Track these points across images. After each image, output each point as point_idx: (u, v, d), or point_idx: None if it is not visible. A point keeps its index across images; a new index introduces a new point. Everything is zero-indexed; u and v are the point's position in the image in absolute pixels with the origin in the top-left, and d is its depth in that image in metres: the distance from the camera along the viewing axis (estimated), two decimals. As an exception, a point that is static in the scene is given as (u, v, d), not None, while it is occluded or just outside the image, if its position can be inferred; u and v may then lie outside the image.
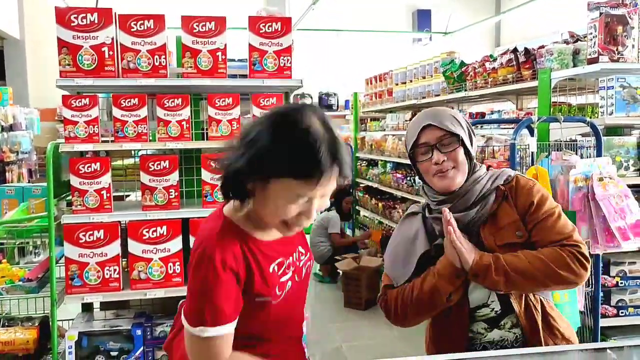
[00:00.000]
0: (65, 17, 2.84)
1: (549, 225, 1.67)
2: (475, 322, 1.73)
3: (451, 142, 1.69)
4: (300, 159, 1.27)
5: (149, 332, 2.94)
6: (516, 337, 1.71)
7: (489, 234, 1.69)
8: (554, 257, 1.60)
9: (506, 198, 1.72)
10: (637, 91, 3.14)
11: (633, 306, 3.20)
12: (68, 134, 2.87)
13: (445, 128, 1.69)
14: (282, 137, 1.29)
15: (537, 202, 1.69)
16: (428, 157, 1.71)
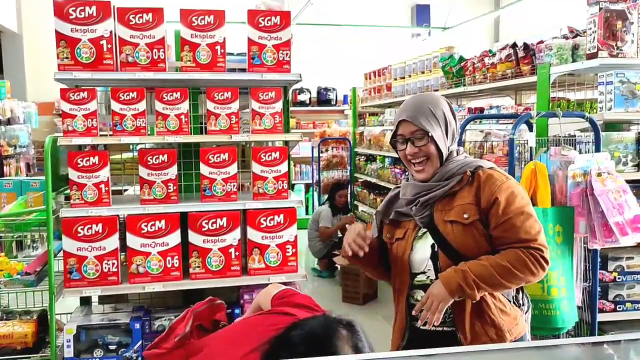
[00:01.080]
0: (64, 10, 2.83)
1: (518, 224, 1.76)
2: (416, 289, 1.91)
3: (423, 137, 1.85)
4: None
5: (148, 325, 2.94)
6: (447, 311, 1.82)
7: (440, 209, 1.86)
8: (517, 262, 1.73)
9: (470, 183, 1.84)
10: (636, 87, 3.14)
11: (630, 301, 3.21)
12: (66, 127, 2.87)
13: (417, 124, 1.84)
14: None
15: (504, 199, 1.78)
16: (403, 148, 1.89)
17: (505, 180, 1.83)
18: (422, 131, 1.83)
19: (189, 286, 2.97)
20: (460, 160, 1.89)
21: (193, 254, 2.94)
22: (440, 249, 1.85)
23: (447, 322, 1.86)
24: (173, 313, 2.99)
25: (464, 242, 1.80)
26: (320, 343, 1.37)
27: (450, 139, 1.90)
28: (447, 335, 1.86)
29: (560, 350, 1.54)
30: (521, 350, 1.55)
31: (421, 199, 1.87)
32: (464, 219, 1.80)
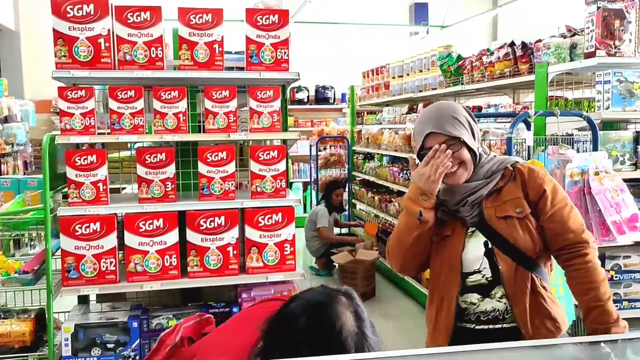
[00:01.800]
0: (61, 8, 2.82)
1: (566, 215, 1.83)
2: (469, 293, 1.87)
3: (454, 144, 1.82)
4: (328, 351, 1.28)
5: (146, 324, 2.94)
6: (506, 307, 1.84)
7: (490, 206, 1.85)
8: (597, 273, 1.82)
9: (514, 178, 1.87)
10: (633, 86, 3.15)
11: (628, 300, 3.23)
12: (64, 125, 2.86)
13: (446, 133, 1.82)
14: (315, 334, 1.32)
15: (551, 191, 1.84)
16: None
17: (546, 173, 1.90)
18: (452, 138, 1.82)
19: (186, 285, 2.97)
20: (495, 159, 1.91)
21: (191, 253, 2.94)
22: (495, 246, 1.84)
23: (506, 318, 1.86)
24: (171, 312, 2.99)
25: (519, 236, 1.82)
26: (321, 310, 1.36)
27: (477, 140, 1.90)
28: (507, 331, 1.85)
29: (559, 350, 1.54)
30: (517, 350, 1.55)
31: (469, 198, 1.86)
32: (518, 213, 1.82)
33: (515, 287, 1.82)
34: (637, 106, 3.17)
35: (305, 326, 1.34)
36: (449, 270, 1.88)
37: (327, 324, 1.34)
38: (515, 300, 1.82)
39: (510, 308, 1.84)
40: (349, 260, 5.41)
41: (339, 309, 1.36)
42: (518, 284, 1.82)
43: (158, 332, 2.93)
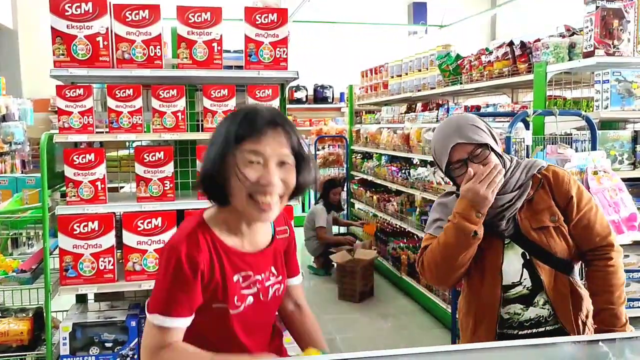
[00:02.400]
0: (60, 7, 2.82)
1: (593, 218, 1.85)
2: (511, 304, 1.87)
3: (481, 151, 1.80)
4: (239, 124, 1.41)
5: (144, 323, 2.93)
6: (549, 313, 1.86)
7: (525, 218, 1.85)
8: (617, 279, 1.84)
9: (542, 186, 1.87)
10: (632, 85, 3.15)
11: (627, 299, 3.23)
12: (62, 124, 2.86)
13: (473, 142, 1.80)
14: (228, 118, 1.47)
15: (576, 195, 1.86)
16: (464, 172, 1.82)
17: (570, 176, 1.90)
18: (479, 145, 1.80)
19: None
20: (520, 165, 1.90)
21: (189, 252, 2.93)
22: (533, 256, 1.84)
23: (549, 321, 1.87)
24: (169, 311, 2.98)
25: (556, 244, 1.83)
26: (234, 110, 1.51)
27: (499, 145, 1.89)
28: (550, 333, 1.86)
29: (556, 348, 1.54)
30: (516, 349, 1.55)
31: (506, 213, 1.84)
32: (553, 222, 1.83)
33: (556, 292, 1.84)
34: (636, 106, 3.17)
35: (223, 121, 1.49)
36: (490, 284, 1.87)
37: (237, 110, 1.49)
38: (558, 304, 1.84)
39: (553, 312, 1.86)
40: (347, 260, 5.41)
41: (255, 105, 1.52)
42: (559, 289, 1.84)
43: (156, 331, 2.94)
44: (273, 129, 1.41)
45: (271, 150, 1.40)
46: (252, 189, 1.40)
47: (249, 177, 1.39)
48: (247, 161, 1.39)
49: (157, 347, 1.39)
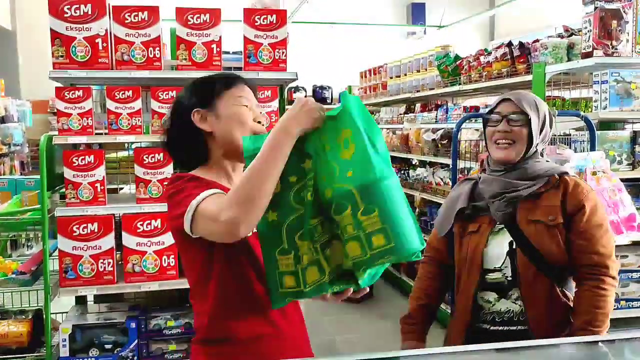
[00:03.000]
0: (58, 8, 2.82)
1: (597, 236, 1.82)
2: (487, 290, 1.88)
3: (520, 119, 1.86)
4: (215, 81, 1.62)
5: (144, 325, 2.93)
6: (521, 310, 1.85)
7: (525, 208, 1.85)
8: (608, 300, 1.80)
9: (556, 187, 1.87)
10: (631, 86, 3.15)
11: (625, 299, 3.23)
12: (61, 126, 2.86)
13: (519, 105, 1.86)
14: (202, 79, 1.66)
15: (590, 208, 1.83)
16: (495, 125, 1.90)
17: (591, 191, 1.89)
18: (522, 113, 1.85)
19: (185, 285, 2.94)
20: (546, 164, 1.91)
21: (189, 253, 2.93)
22: (519, 247, 1.84)
23: (521, 321, 1.86)
24: (169, 312, 2.99)
25: (544, 242, 1.82)
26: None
27: (542, 138, 1.91)
28: (520, 334, 1.85)
29: (555, 349, 1.55)
30: (517, 350, 1.56)
31: (508, 194, 1.86)
32: (549, 221, 1.82)
33: (532, 291, 1.82)
34: (635, 106, 3.17)
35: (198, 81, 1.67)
36: (470, 264, 1.89)
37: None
38: (530, 304, 1.83)
39: (525, 311, 1.84)
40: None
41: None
42: (536, 289, 1.82)
43: (156, 333, 2.94)
44: (248, 87, 1.64)
45: (252, 99, 1.62)
46: (253, 127, 1.57)
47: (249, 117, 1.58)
48: (242, 103, 1.58)
49: (219, 205, 1.34)
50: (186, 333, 2.95)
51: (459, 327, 1.93)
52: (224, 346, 1.49)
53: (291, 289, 1.39)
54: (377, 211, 1.29)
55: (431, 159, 5.23)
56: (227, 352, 1.49)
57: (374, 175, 1.31)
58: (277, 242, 1.38)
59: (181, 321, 2.97)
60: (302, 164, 1.40)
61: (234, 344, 1.49)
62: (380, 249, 1.29)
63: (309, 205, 1.36)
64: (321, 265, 1.36)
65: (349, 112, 1.37)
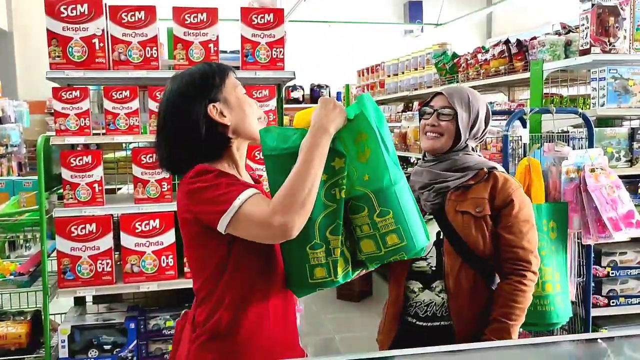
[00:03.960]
0: (55, 8, 2.81)
1: (524, 231, 1.86)
2: (412, 280, 1.93)
3: (449, 114, 1.92)
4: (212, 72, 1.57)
5: (143, 325, 2.93)
6: (443, 302, 1.87)
7: (453, 199, 1.89)
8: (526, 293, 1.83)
9: (486, 180, 1.90)
10: (628, 82, 3.16)
11: (624, 296, 3.24)
12: (59, 126, 2.85)
13: (450, 100, 1.92)
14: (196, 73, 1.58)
15: (519, 204, 1.87)
16: (427, 118, 1.97)
17: (519, 187, 1.94)
18: (451, 108, 1.91)
19: (183, 285, 2.96)
20: (477, 157, 1.96)
21: (188, 253, 2.93)
22: (445, 237, 1.87)
23: (444, 316, 1.87)
24: (168, 312, 2.98)
25: (471, 234, 1.84)
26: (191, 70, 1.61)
27: (473, 135, 1.96)
28: (444, 330, 1.87)
29: (556, 347, 1.55)
30: (516, 348, 1.56)
31: (436, 185, 1.91)
32: (476, 212, 1.85)
33: (456, 282, 1.84)
34: (632, 103, 3.18)
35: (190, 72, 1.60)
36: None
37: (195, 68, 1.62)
38: (453, 295, 1.84)
39: (447, 304, 1.86)
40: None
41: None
42: (460, 281, 1.84)
43: (155, 333, 2.94)
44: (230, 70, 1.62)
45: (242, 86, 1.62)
46: (257, 112, 1.59)
47: (254, 104, 1.60)
48: (242, 92, 1.58)
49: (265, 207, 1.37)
50: (185, 333, 2.95)
51: (391, 316, 1.99)
52: (228, 340, 1.50)
53: (322, 279, 1.46)
54: (391, 213, 1.44)
55: (429, 157, 5.22)
56: (231, 345, 1.50)
57: (388, 181, 1.44)
58: (309, 237, 1.44)
59: (180, 321, 2.96)
60: (332, 162, 1.45)
61: (238, 338, 1.50)
62: (394, 247, 1.44)
63: (341, 202, 1.44)
64: (345, 256, 1.48)
65: (365, 116, 1.45)
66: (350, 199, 1.45)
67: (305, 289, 1.50)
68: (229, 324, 1.50)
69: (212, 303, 1.52)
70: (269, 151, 1.46)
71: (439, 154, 1.95)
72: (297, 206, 1.35)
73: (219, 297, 1.50)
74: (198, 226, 1.48)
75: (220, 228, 1.40)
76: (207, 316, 1.53)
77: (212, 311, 1.51)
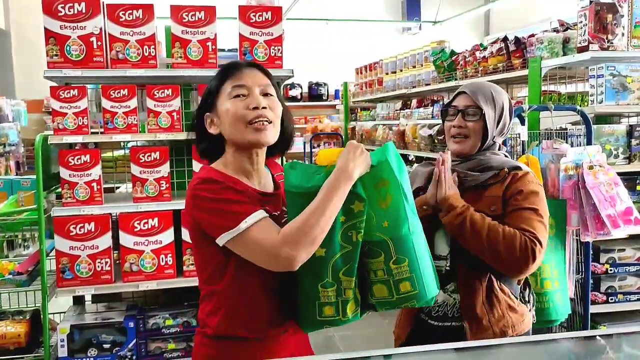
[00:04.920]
0: (52, 7, 2.80)
1: (530, 217, 1.77)
2: None
3: (475, 113, 1.86)
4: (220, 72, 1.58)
5: (142, 324, 2.93)
6: (455, 303, 1.85)
7: (469, 197, 1.84)
8: (509, 239, 1.71)
9: (504, 180, 1.85)
10: (626, 79, 3.16)
11: (622, 292, 3.24)
12: (57, 125, 2.84)
13: (474, 99, 1.85)
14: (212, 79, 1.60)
15: (528, 192, 1.80)
16: (452, 119, 1.91)
17: (536, 184, 1.86)
18: (477, 107, 1.85)
19: (183, 284, 2.96)
20: (502, 157, 1.91)
21: (187, 252, 2.93)
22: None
23: (456, 317, 1.85)
24: (167, 311, 2.98)
25: None
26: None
27: (499, 131, 1.91)
28: (454, 330, 1.84)
29: (555, 345, 1.55)
30: (517, 345, 1.56)
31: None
32: (491, 212, 1.81)
33: (468, 282, 1.81)
34: (631, 100, 3.18)
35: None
36: None
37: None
38: (465, 295, 1.81)
39: (459, 305, 1.83)
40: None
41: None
42: (472, 281, 1.81)
43: (154, 332, 2.94)
44: (250, 68, 1.57)
45: (252, 81, 1.54)
46: (247, 116, 1.50)
47: (240, 108, 1.50)
48: (233, 96, 1.52)
49: (273, 235, 1.40)
50: (185, 332, 2.95)
51: (405, 312, 1.95)
52: (227, 338, 1.51)
53: (330, 317, 1.49)
54: (407, 261, 1.46)
55: (428, 154, 5.23)
56: (229, 343, 1.51)
57: (407, 229, 1.48)
58: (322, 276, 1.46)
59: (180, 320, 2.96)
60: (351, 205, 1.46)
61: (241, 341, 1.51)
62: (406, 295, 1.48)
63: (358, 245, 1.46)
64: (357, 297, 1.51)
65: (389, 164, 1.48)
66: (368, 244, 1.47)
67: (313, 324, 1.52)
68: (227, 322, 1.51)
69: (212, 302, 1.53)
70: (292, 188, 1.49)
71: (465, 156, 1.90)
72: (308, 242, 1.38)
73: (219, 297, 1.52)
74: (198, 231, 1.50)
75: (219, 242, 1.43)
76: (207, 314, 1.54)
77: (213, 309, 1.53)
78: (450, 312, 1.85)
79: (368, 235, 1.47)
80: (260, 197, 1.54)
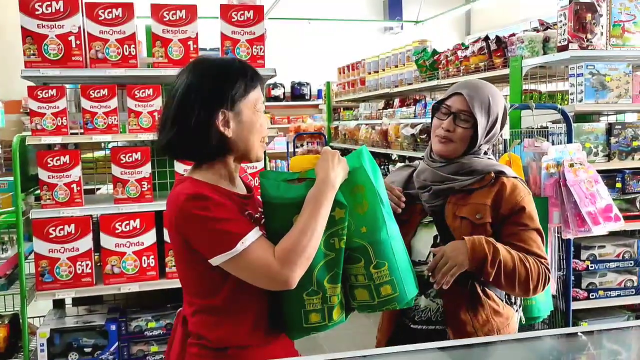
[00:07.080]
0: (29, 6, 2.75)
1: (534, 238, 1.76)
2: None
3: (467, 120, 1.78)
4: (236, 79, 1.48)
5: (124, 327, 2.89)
6: (438, 307, 1.80)
7: (454, 202, 1.79)
8: (535, 272, 1.70)
9: (491, 185, 1.79)
10: (605, 78, 3.20)
11: (603, 289, 3.28)
12: (35, 126, 2.79)
13: (470, 104, 1.77)
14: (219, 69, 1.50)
15: (529, 211, 1.77)
16: (442, 119, 1.82)
17: (529, 194, 1.81)
18: (470, 114, 1.77)
19: (165, 286, 2.93)
20: (485, 161, 1.84)
21: (169, 253, 2.90)
22: (442, 241, 1.77)
23: (439, 320, 1.79)
24: (149, 313, 2.95)
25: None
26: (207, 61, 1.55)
27: (488, 139, 1.84)
28: (438, 334, 1.79)
29: (538, 342, 1.56)
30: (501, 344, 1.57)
31: (435, 187, 1.81)
32: (476, 219, 1.74)
33: (450, 288, 1.70)
34: (609, 98, 3.22)
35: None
36: None
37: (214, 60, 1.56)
38: (448, 300, 1.76)
39: (442, 310, 1.78)
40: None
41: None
42: (454, 287, 1.70)
43: (137, 335, 2.90)
44: (261, 81, 1.55)
45: (263, 99, 1.56)
46: (264, 133, 1.53)
47: (264, 122, 1.53)
48: (260, 109, 1.52)
49: (269, 256, 1.38)
50: (168, 334, 2.91)
51: (387, 317, 1.90)
52: (232, 352, 1.49)
53: (316, 324, 1.49)
54: (387, 265, 1.48)
55: (410, 153, 5.25)
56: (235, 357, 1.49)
57: (385, 234, 1.49)
58: (306, 285, 1.45)
59: (162, 322, 2.93)
60: (332, 212, 1.46)
61: (245, 349, 1.49)
62: (387, 298, 1.49)
63: (341, 252, 1.46)
64: (342, 302, 1.51)
65: (364, 170, 1.48)
66: (347, 250, 1.47)
67: (299, 332, 1.53)
68: (231, 335, 1.49)
69: (212, 317, 1.49)
70: (272, 199, 1.47)
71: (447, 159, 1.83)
72: (304, 260, 1.39)
73: (219, 311, 1.48)
74: (187, 249, 1.45)
75: (213, 262, 1.40)
76: (207, 328, 1.50)
77: (214, 324, 1.49)
78: (434, 316, 1.80)
79: (347, 241, 1.47)
80: (242, 201, 1.52)
